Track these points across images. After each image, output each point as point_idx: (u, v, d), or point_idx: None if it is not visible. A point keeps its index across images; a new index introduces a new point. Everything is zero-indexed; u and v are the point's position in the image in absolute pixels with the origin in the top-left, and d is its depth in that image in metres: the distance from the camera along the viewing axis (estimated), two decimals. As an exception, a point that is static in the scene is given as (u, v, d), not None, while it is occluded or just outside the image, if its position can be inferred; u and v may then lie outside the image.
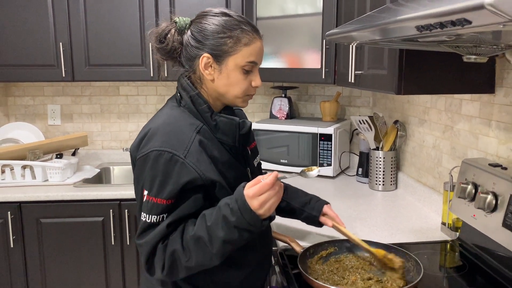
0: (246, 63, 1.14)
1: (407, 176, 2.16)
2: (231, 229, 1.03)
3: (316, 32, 2.17)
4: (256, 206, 1.02)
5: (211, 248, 1.05)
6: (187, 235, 1.07)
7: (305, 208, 1.45)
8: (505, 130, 1.44)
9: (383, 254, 1.29)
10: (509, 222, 1.23)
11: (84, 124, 2.88)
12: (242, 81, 1.16)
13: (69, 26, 2.42)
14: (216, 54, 1.13)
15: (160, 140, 1.09)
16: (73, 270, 2.29)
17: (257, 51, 1.15)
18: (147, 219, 1.07)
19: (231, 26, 1.13)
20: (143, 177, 1.10)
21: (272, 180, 1.03)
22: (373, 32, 0.97)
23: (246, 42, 1.13)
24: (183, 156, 1.07)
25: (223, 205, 1.06)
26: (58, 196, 2.21)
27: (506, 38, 1.02)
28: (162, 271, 1.08)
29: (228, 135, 1.16)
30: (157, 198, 1.06)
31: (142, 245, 1.08)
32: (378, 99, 2.57)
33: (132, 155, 1.17)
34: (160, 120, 1.15)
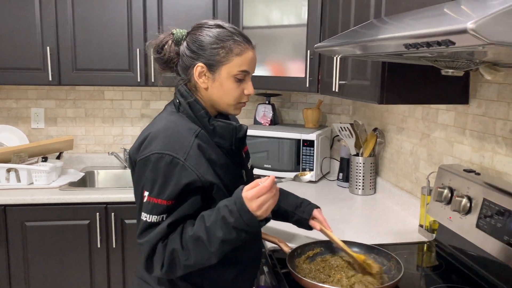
0: (238, 72, 1.21)
1: (385, 181, 2.27)
2: (229, 230, 1.10)
3: (300, 42, 2.26)
4: (254, 207, 1.08)
5: (209, 248, 1.11)
6: (186, 235, 1.13)
7: (296, 211, 1.52)
8: (478, 138, 1.55)
9: (363, 259, 1.38)
10: (482, 224, 1.34)
11: (68, 128, 2.88)
12: (234, 89, 1.22)
13: (57, 30, 2.44)
14: (210, 63, 1.20)
15: (160, 144, 1.14)
16: (58, 274, 2.30)
17: (248, 60, 1.22)
18: (148, 219, 1.13)
19: (224, 37, 1.20)
20: (143, 179, 1.15)
21: (270, 184, 1.10)
22: (363, 47, 1.05)
23: (238, 52, 1.20)
24: (183, 159, 1.13)
25: (222, 207, 1.12)
26: (44, 199, 2.22)
27: (480, 55, 1.12)
28: (161, 269, 1.13)
29: (225, 138, 1.23)
30: (158, 199, 1.12)
31: (143, 244, 1.13)
32: (358, 107, 2.68)
33: (131, 157, 1.22)
34: (160, 124, 1.21)
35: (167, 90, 2.92)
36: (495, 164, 1.47)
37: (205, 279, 1.23)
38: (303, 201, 1.56)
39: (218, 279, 1.25)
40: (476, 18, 0.65)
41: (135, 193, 1.21)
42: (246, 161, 1.36)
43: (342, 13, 1.87)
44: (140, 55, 2.49)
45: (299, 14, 2.26)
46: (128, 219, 2.30)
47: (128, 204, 2.28)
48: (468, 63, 1.23)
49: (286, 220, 1.56)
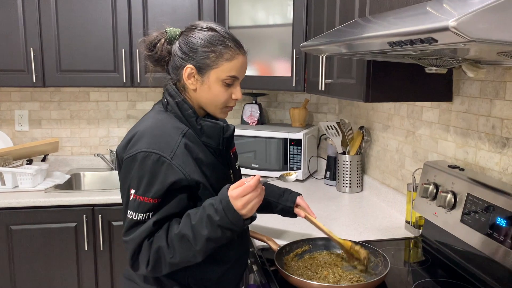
0: (227, 77, 1.21)
1: (372, 178, 2.29)
2: (214, 228, 1.11)
3: (286, 42, 2.27)
4: (239, 206, 1.10)
5: (194, 246, 1.12)
6: (172, 233, 1.13)
7: (279, 201, 1.54)
8: (461, 134, 1.58)
9: (349, 245, 1.40)
10: (466, 218, 1.36)
11: (53, 130, 2.85)
12: (222, 93, 1.23)
13: (40, 31, 2.41)
14: (200, 66, 1.20)
15: (147, 142, 1.15)
16: (45, 277, 2.27)
17: (238, 66, 1.22)
18: (134, 216, 1.13)
19: (216, 41, 1.20)
20: (130, 177, 1.15)
21: (255, 183, 1.11)
22: (348, 46, 1.07)
23: (228, 58, 1.20)
24: (169, 157, 1.14)
25: (207, 205, 1.13)
26: (29, 202, 2.19)
27: (462, 53, 1.14)
28: (147, 266, 1.14)
29: (212, 138, 1.24)
30: (144, 197, 1.12)
31: (128, 241, 1.14)
32: (344, 106, 2.70)
33: (118, 156, 1.23)
34: (147, 123, 1.21)
35: (153, 90, 2.91)
36: (479, 159, 1.50)
37: (191, 277, 1.24)
38: (285, 190, 1.58)
39: (204, 278, 1.25)
40: (457, 16, 0.66)
41: (122, 191, 1.21)
42: (234, 162, 1.37)
43: (327, 13, 1.89)
44: (126, 56, 2.48)
45: (284, 13, 2.27)
46: (115, 221, 2.29)
47: (115, 206, 2.27)
48: (451, 60, 1.26)
49: (271, 211, 1.57)
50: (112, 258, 2.32)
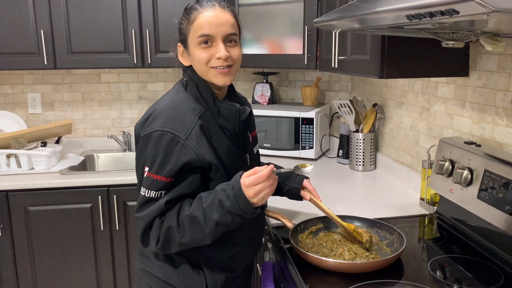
0: (198, 38, 1.18)
1: (385, 156, 2.28)
2: (225, 213, 1.12)
3: (298, 18, 2.23)
4: (250, 195, 1.10)
5: (204, 228, 1.14)
6: (183, 214, 1.15)
7: (286, 182, 1.53)
8: (478, 110, 1.55)
9: (353, 228, 1.40)
10: (483, 195, 1.35)
11: (65, 112, 2.87)
12: (201, 54, 1.19)
13: (50, 13, 2.40)
14: (183, 40, 1.23)
15: (163, 121, 1.15)
16: (62, 257, 2.32)
17: (204, 23, 1.16)
18: (146, 193, 1.15)
19: (187, 12, 1.22)
20: (145, 154, 1.17)
21: (268, 173, 1.11)
22: (363, 20, 1.04)
23: (193, 19, 1.19)
24: (184, 138, 1.14)
25: (219, 190, 1.14)
26: (45, 184, 2.22)
27: (481, 25, 1.11)
28: (157, 244, 1.16)
29: (229, 120, 1.23)
30: (157, 175, 1.13)
31: (140, 218, 1.16)
32: (356, 83, 2.66)
33: (136, 133, 1.24)
34: (165, 102, 1.22)
35: (164, 71, 2.90)
36: (496, 135, 1.47)
37: (201, 256, 1.26)
38: (292, 173, 1.57)
39: (214, 257, 1.27)
40: (481, -15, 0.64)
41: (137, 167, 1.23)
42: (252, 146, 1.36)
43: (340, -13, 1.85)
44: (136, 36, 2.46)
45: (295, -11, 2.23)
46: (130, 201, 2.31)
47: (129, 186, 2.29)
48: (468, 34, 1.22)
49: (277, 193, 1.56)
50: (127, 237, 2.35)
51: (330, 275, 1.24)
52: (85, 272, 2.35)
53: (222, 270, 1.28)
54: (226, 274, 1.29)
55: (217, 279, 1.27)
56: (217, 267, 1.28)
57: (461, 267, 1.28)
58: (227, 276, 1.29)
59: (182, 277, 1.25)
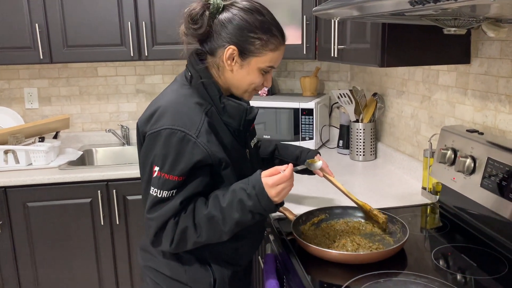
0: (267, 67, 1.19)
1: (386, 146, 2.26)
2: (245, 212, 1.13)
3: (296, 8, 2.21)
4: (273, 194, 1.12)
5: (223, 227, 1.13)
6: (199, 214, 1.13)
7: (297, 162, 1.53)
8: (480, 98, 1.53)
9: (369, 209, 1.41)
10: (487, 183, 1.33)
11: (63, 107, 2.84)
12: (258, 80, 1.21)
13: (44, 7, 2.36)
14: (242, 50, 1.15)
15: (172, 119, 1.12)
16: (63, 252, 2.31)
17: (279, 57, 1.20)
18: (158, 194, 1.12)
19: (263, 29, 1.14)
20: (153, 153, 1.13)
21: (291, 172, 1.13)
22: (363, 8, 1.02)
23: (272, 48, 1.17)
24: (195, 136, 1.11)
25: (238, 189, 1.13)
26: (44, 179, 2.20)
27: (483, 10, 1.09)
28: (171, 244, 1.14)
29: (234, 118, 1.21)
30: (169, 174, 1.11)
31: (153, 219, 1.13)
32: (356, 73, 2.64)
33: (139, 129, 1.20)
34: (170, 98, 1.18)
35: (161, 64, 2.87)
36: (498, 123, 1.46)
37: (207, 251, 1.24)
38: (302, 150, 1.58)
39: (220, 252, 1.26)
40: (487, -33, 0.62)
41: (142, 166, 1.19)
42: (250, 140, 1.35)
43: (338, -25, 1.82)
44: (132, 29, 2.43)
45: (293, -22, 2.20)
46: (130, 195, 2.30)
47: (129, 180, 2.28)
48: (470, 20, 1.20)
49: None
50: (128, 232, 2.34)
51: (333, 266, 1.23)
52: (86, 268, 2.34)
53: (229, 264, 1.28)
54: (232, 268, 1.29)
55: (224, 273, 1.27)
56: (224, 262, 1.27)
57: (464, 256, 1.27)
58: (233, 270, 1.29)
59: (190, 273, 1.24)
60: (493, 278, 1.15)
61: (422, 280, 1.14)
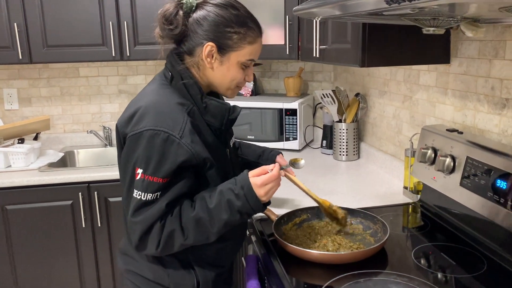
0: (247, 61, 1.18)
1: (369, 145, 2.27)
2: (234, 213, 1.12)
3: (278, 8, 2.20)
4: (262, 193, 1.12)
5: (211, 228, 1.12)
6: (186, 216, 1.12)
7: (259, 160, 1.53)
8: (460, 97, 1.55)
9: (328, 205, 1.40)
10: (466, 182, 1.34)
11: (43, 108, 2.80)
12: (239, 75, 1.20)
13: (23, 5, 2.32)
14: (220, 45, 1.14)
15: (154, 120, 1.09)
16: (43, 256, 2.27)
17: (258, 49, 1.20)
18: (142, 197, 1.09)
19: (239, 22, 1.14)
20: (135, 156, 1.10)
21: (278, 172, 1.14)
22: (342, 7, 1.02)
23: (250, 41, 1.16)
24: (179, 136, 1.09)
25: (225, 190, 1.13)
26: (23, 181, 2.16)
27: (461, 10, 1.10)
28: (157, 248, 1.11)
29: (216, 118, 1.19)
30: (154, 177, 1.08)
31: (137, 222, 1.10)
32: (339, 73, 2.65)
33: (119, 130, 1.17)
34: (151, 98, 1.15)
35: (144, 64, 2.85)
36: (477, 122, 1.47)
37: (190, 253, 1.23)
38: (265, 150, 1.57)
39: (203, 253, 1.25)
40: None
41: (123, 168, 1.16)
42: (229, 139, 1.34)
43: (320, -25, 1.82)
44: (113, 28, 2.40)
45: (275, -22, 2.19)
46: (112, 197, 2.27)
47: (111, 182, 2.25)
48: (449, 20, 1.21)
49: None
50: (110, 234, 2.31)
51: (314, 266, 1.22)
52: (67, 271, 2.31)
53: (212, 266, 1.27)
54: (216, 270, 1.28)
55: (208, 275, 1.25)
56: (207, 264, 1.26)
57: (444, 254, 1.28)
58: (217, 272, 1.28)
59: (173, 276, 1.22)
60: (472, 276, 1.16)
61: (402, 280, 1.14)
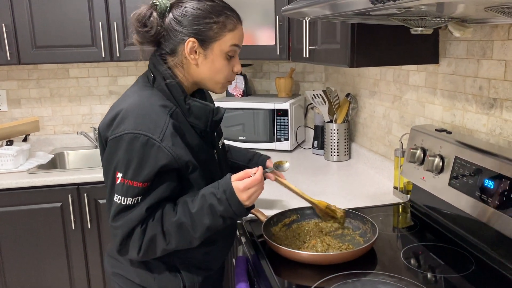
0: (230, 48, 1.17)
1: (359, 146, 2.27)
2: (216, 217, 1.11)
3: (269, 9, 2.20)
4: (244, 198, 1.11)
5: (193, 233, 1.11)
6: (168, 221, 1.10)
7: (249, 164, 1.52)
8: (448, 97, 1.55)
9: (325, 205, 1.40)
10: (454, 182, 1.35)
11: (33, 109, 2.77)
12: (225, 66, 1.18)
13: (11, 5, 2.30)
14: (201, 39, 1.13)
15: (134, 123, 1.08)
16: (33, 259, 2.24)
17: (240, 35, 1.19)
18: (122, 201, 1.07)
19: (217, 12, 1.14)
20: (115, 159, 1.08)
21: (261, 175, 1.13)
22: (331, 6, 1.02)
23: (231, 28, 1.16)
24: (159, 140, 1.07)
25: (208, 194, 1.11)
26: (12, 183, 2.14)
27: (448, 10, 1.10)
28: (138, 253, 1.10)
29: (200, 119, 1.18)
30: (133, 181, 1.06)
31: (118, 227, 1.09)
32: (330, 74, 2.65)
33: (101, 134, 1.15)
34: (132, 100, 1.13)
35: (134, 65, 2.83)
36: (466, 122, 1.47)
37: (176, 257, 1.22)
38: (254, 154, 1.57)
39: (189, 257, 1.24)
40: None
41: (105, 172, 1.14)
42: (217, 141, 1.32)
43: (309, -24, 1.82)
44: (103, 29, 2.39)
45: (265, -21, 2.19)
46: (102, 199, 2.26)
47: (100, 184, 2.23)
48: (436, 20, 1.21)
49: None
50: (100, 236, 2.30)
51: (303, 267, 1.22)
52: (57, 274, 2.28)
53: (199, 269, 1.25)
54: (203, 273, 1.26)
55: (195, 279, 1.24)
56: (194, 267, 1.24)
57: (433, 254, 1.28)
58: (204, 275, 1.27)
59: (159, 280, 1.21)
60: (461, 275, 1.16)
61: (392, 280, 1.14)
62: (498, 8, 0.92)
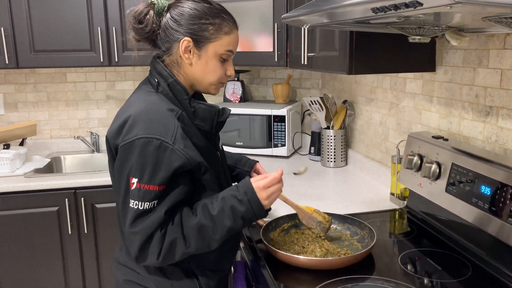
0: (225, 52, 1.18)
1: (356, 152, 2.29)
2: (237, 219, 1.12)
3: (267, 15, 2.22)
4: (264, 196, 1.13)
5: (213, 235, 1.11)
6: (188, 224, 1.10)
7: (237, 165, 1.53)
8: (445, 105, 1.57)
9: (312, 210, 1.40)
10: (451, 188, 1.36)
11: (30, 113, 2.77)
12: (218, 68, 1.19)
13: (10, 10, 2.31)
14: (197, 39, 1.15)
15: (145, 127, 1.08)
16: (29, 263, 2.23)
17: (235, 40, 1.20)
18: (140, 206, 1.07)
19: (213, 13, 1.16)
20: (129, 165, 1.08)
21: (280, 175, 1.15)
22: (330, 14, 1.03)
23: (226, 31, 1.17)
24: (171, 142, 1.08)
25: (228, 196, 1.12)
26: (9, 187, 2.14)
27: (446, 19, 1.12)
28: (158, 257, 1.09)
29: (206, 121, 1.19)
30: (150, 184, 1.06)
31: (137, 233, 1.07)
32: (327, 80, 2.67)
33: (109, 142, 1.15)
34: (139, 106, 1.13)
35: (132, 70, 2.84)
36: (462, 129, 1.50)
37: (192, 262, 1.22)
38: (243, 157, 1.57)
39: (205, 260, 1.24)
40: (443, -24, 0.63)
41: (118, 180, 1.13)
42: (218, 142, 1.34)
43: (308, -16, 1.84)
44: (102, 34, 2.40)
45: (264, -14, 2.21)
46: (99, 203, 2.25)
47: (97, 188, 2.23)
48: (434, 29, 1.23)
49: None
50: (97, 240, 2.29)
51: (302, 272, 1.23)
52: (53, 278, 2.27)
53: (213, 272, 1.26)
54: (218, 275, 1.27)
55: (211, 282, 1.24)
56: (209, 270, 1.24)
57: (430, 260, 1.29)
58: (219, 277, 1.27)
59: (176, 286, 1.21)
60: (458, 281, 1.17)
61: (389, 285, 1.15)
62: (495, 18, 0.94)
